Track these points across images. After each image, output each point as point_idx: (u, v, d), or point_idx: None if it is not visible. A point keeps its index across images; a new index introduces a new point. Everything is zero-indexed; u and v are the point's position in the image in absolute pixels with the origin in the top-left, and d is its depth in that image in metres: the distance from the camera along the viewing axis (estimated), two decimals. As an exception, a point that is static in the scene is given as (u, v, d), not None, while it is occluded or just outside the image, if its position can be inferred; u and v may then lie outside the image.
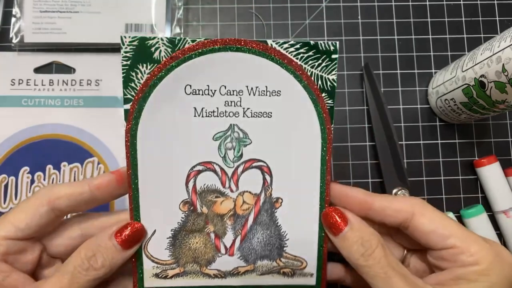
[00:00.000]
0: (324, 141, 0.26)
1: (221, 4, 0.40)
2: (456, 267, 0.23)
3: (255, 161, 0.26)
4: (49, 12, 0.37)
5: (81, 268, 0.23)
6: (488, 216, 0.36)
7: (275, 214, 0.26)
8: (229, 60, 0.24)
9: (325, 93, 0.25)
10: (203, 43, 0.24)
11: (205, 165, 0.26)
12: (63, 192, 0.24)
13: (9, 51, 0.38)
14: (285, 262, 0.27)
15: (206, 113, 0.25)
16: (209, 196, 0.26)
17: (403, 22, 0.40)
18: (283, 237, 0.27)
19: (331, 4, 0.40)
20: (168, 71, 0.24)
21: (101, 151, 0.36)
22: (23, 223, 0.23)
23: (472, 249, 0.22)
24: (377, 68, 0.39)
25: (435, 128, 0.39)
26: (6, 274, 0.23)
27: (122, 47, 0.24)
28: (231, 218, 0.26)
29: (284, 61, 0.25)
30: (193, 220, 0.26)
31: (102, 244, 0.24)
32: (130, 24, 0.38)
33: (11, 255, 0.24)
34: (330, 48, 0.25)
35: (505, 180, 0.37)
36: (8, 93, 0.37)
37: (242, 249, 0.27)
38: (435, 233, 0.23)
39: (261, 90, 0.25)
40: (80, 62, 0.38)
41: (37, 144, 0.36)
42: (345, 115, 0.38)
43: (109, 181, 0.25)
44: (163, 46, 0.24)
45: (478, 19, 0.40)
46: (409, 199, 0.25)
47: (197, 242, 0.26)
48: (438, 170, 0.38)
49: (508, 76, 0.28)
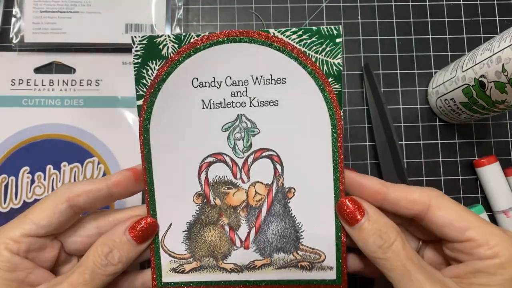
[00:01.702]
0: (334, 127, 0.25)
1: (221, 4, 0.40)
2: (474, 260, 0.22)
3: (264, 150, 0.26)
4: (49, 12, 0.37)
5: (100, 264, 0.24)
6: (488, 216, 0.36)
7: (288, 205, 0.26)
8: (232, 51, 0.25)
9: (331, 78, 0.25)
10: (207, 36, 0.25)
11: (216, 156, 0.26)
12: (82, 189, 0.25)
13: (9, 51, 0.38)
14: (302, 255, 0.26)
15: (214, 104, 0.25)
16: (221, 187, 0.26)
17: (403, 22, 0.40)
18: (299, 229, 0.26)
19: (331, 4, 0.40)
20: (176, 66, 0.25)
21: (101, 151, 0.36)
22: (44, 220, 0.24)
23: (491, 242, 0.22)
24: (377, 68, 0.39)
25: (435, 128, 0.39)
26: (29, 271, 0.24)
27: (133, 47, 0.25)
28: (244, 209, 0.26)
29: (287, 48, 0.25)
30: (207, 213, 0.26)
31: (117, 239, 0.24)
32: (130, 24, 0.38)
33: (33, 252, 0.24)
34: (333, 32, 0.24)
35: (505, 180, 0.37)
36: (8, 93, 0.37)
37: (258, 241, 0.26)
38: (453, 226, 0.23)
39: (266, 78, 0.25)
40: (80, 62, 0.38)
41: (37, 144, 0.36)
42: (345, 115, 0.38)
43: (127, 178, 0.25)
44: (170, 42, 0.25)
45: (478, 19, 0.40)
46: (425, 190, 0.24)
47: (212, 235, 0.26)
48: (438, 170, 0.38)
49: (508, 76, 0.28)
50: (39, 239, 0.24)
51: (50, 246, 0.25)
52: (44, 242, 0.25)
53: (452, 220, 0.23)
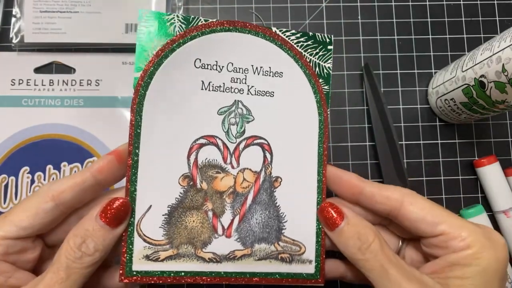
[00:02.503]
0: (321, 124, 0.27)
1: (221, 4, 0.40)
2: (449, 253, 0.23)
3: (256, 138, 0.26)
4: (49, 12, 0.37)
5: (74, 258, 0.22)
6: (488, 216, 0.36)
7: (274, 194, 0.26)
8: (238, 39, 0.26)
9: (321, 79, 0.27)
10: (216, 23, 0.26)
11: (208, 138, 0.26)
12: (66, 185, 0.23)
13: (9, 51, 0.38)
14: (283, 246, 0.26)
15: (213, 87, 0.26)
16: (210, 171, 0.26)
17: (403, 22, 0.40)
18: (282, 219, 0.26)
19: (331, 4, 0.40)
20: (181, 45, 0.25)
21: (101, 151, 0.36)
22: (26, 221, 0.23)
23: (463, 234, 0.22)
24: (377, 68, 0.39)
25: (435, 128, 0.39)
26: (9, 275, 0.23)
27: (140, 21, 0.25)
28: (230, 195, 0.26)
29: (286, 46, 0.27)
30: (191, 196, 0.26)
31: (89, 228, 0.23)
32: (130, 24, 0.38)
33: (13, 255, 0.23)
34: (326, 39, 0.28)
35: (505, 180, 0.37)
36: (8, 93, 0.37)
37: (240, 230, 0.26)
38: (425, 221, 0.24)
39: (265, 70, 0.27)
40: (80, 62, 0.38)
41: (37, 144, 0.36)
42: (345, 115, 0.38)
43: (109, 161, 0.24)
44: (178, 22, 0.25)
45: (478, 19, 0.40)
46: (399, 188, 0.25)
47: (194, 220, 0.25)
48: (438, 170, 0.38)
49: (508, 76, 0.28)
50: (19, 241, 0.23)
51: (32, 247, 0.24)
52: (25, 243, 0.23)
53: (424, 215, 0.24)
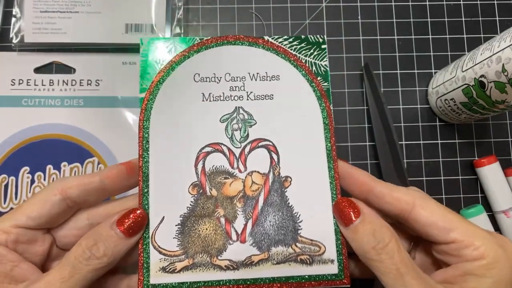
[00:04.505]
0: (326, 119, 0.27)
1: (221, 4, 0.40)
2: (462, 262, 0.22)
3: (261, 140, 0.27)
4: (49, 12, 0.37)
5: (82, 258, 0.23)
6: (488, 216, 0.36)
7: (285, 194, 0.26)
8: (232, 51, 0.28)
9: (320, 77, 0.28)
10: (208, 40, 0.28)
11: (213, 146, 0.26)
12: (74, 182, 0.24)
13: (9, 51, 0.38)
14: (302, 247, 0.26)
15: (213, 97, 0.27)
16: (218, 177, 0.26)
17: (403, 22, 0.40)
18: (297, 219, 0.26)
19: (331, 4, 0.40)
20: (180, 63, 0.28)
21: (101, 151, 0.36)
22: (35, 212, 0.23)
23: (476, 243, 0.22)
24: (377, 68, 0.39)
25: (435, 128, 0.39)
26: (15, 264, 0.23)
27: (141, 46, 0.28)
28: (241, 200, 0.26)
29: (279, 50, 0.28)
30: (202, 204, 0.26)
31: (103, 233, 0.24)
32: (130, 24, 0.38)
33: (21, 244, 0.24)
34: (319, 40, 0.29)
35: (505, 180, 0.37)
36: (8, 93, 0.37)
37: (255, 234, 0.26)
38: (436, 226, 0.23)
39: (262, 75, 0.28)
40: (80, 62, 0.38)
41: (37, 144, 0.36)
42: (345, 115, 0.38)
43: (119, 170, 0.25)
44: (176, 45, 0.28)
45: (478, 19, 0.40)
46: (411, 190, 0.24)
47: (207, 228, 0.25)
48: (438, 170, 0.38)
49: (508, 76, 0.28)
50: (29, 231, 0.24)
51: (41, 240, 0.25)
52: (35, 234, 0.24)
53: (435, 220, 0.23)
